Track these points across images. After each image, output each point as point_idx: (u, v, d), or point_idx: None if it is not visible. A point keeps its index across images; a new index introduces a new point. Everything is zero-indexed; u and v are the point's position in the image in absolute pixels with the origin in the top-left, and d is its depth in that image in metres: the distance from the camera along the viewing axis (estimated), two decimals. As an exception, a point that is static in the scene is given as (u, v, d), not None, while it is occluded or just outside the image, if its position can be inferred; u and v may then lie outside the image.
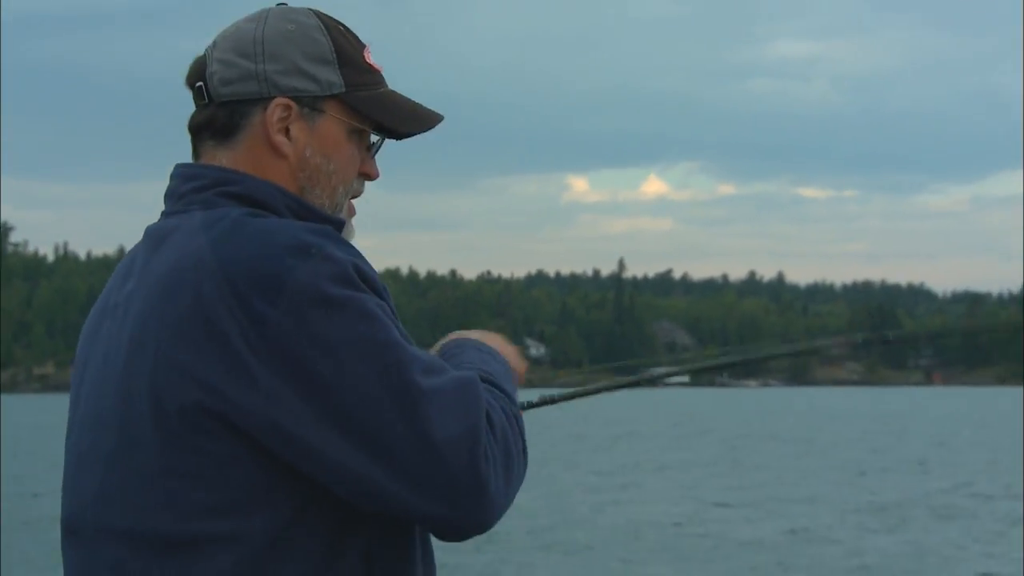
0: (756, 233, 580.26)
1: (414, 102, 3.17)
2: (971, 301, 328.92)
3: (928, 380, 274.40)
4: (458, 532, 2.76)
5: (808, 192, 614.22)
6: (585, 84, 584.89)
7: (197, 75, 2.99)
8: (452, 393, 2.69)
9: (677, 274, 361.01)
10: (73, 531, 2.91)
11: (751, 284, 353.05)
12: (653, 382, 5.80)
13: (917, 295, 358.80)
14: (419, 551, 2.95)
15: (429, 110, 3.18)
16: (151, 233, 2.99)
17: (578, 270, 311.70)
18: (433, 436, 2.61)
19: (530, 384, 3.17)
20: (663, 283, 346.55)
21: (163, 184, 3.12)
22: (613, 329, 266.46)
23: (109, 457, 2.79)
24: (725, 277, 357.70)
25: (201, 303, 2.67)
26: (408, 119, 3.12)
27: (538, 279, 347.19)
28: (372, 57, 3.13)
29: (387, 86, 3.15)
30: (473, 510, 2.69)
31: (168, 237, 2.86)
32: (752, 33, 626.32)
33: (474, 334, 3.35)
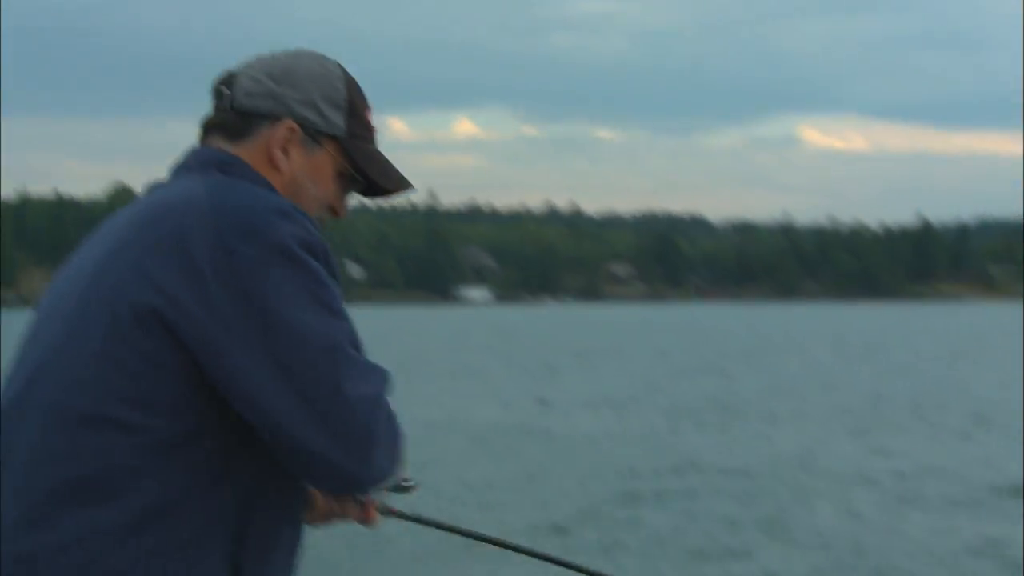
0: (555, 170, 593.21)
1: (394, 166, 3.31)
2: (743, 230, 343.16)
3: (702, 296, 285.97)
4: (339, 479, 2.85)
5: (602, 134, 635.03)
6: (404, 35, 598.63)
7: (224, 82, 3.12)
8: (370, 367, 2.81)
9: (484, 206, 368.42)
10: (6, 407, 2.91)
11: (550, 215, 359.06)
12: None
13: (696, 224, 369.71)
14: (294, 510, 3.02)
15: (404, 177, 3.34)
16: (151, 186, 3.09)
17: (395, 201, 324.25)
18: (346, 390, 2.70)
19: (350, 300, 2.94)
20: (471, 213, 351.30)
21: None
22: (425, 254, 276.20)
23: (55, 342, 2.85)
24: (527, 209, 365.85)
25: (182, 228, 2.74)
26: (388, 178, 3.28)
27: (359, 209, 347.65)
28: (371, 114, 3.30)
29: (377, 145, 3.28)
30: (359, 463, 2.76)
31: (166, 185, 3.02)
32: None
33: None
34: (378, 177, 3.17)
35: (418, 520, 3.77)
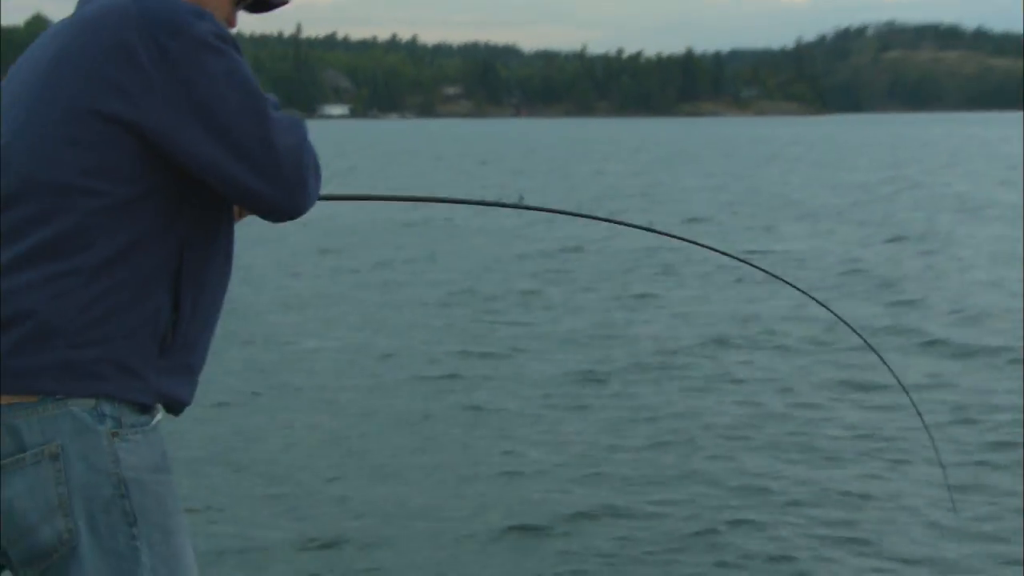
0: (398, 7, 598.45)
1: None
2: (548, 57, 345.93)
3: (517, 114, 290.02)
4: (279, 210, 2.87)
5: None
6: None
7: None
8: (290, 121, 2.83)
9: (341, 36, 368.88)
10: None
11: (394, 44, 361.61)
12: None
13: (511, 53, 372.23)
14: (221, 254, 3.01)
15: None
16: (79, 5, 2.97)
17: (267, 32, 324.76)
18: (275, 141, 2.72)
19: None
20: (330, 42, 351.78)
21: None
22: (292, 75, 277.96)
23: (20, 128, 2.81)
24: (376, 39, 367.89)
25: (121, 34, 2.70)
26: None
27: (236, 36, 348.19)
28: None
29: None
30: (293, 195, 2.80)
31: (88, 3, 2.88)
32: None
33: None
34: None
35: (344, 197, 4.04)
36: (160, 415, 2.80)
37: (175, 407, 2.85)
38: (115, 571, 2.64)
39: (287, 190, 2.73)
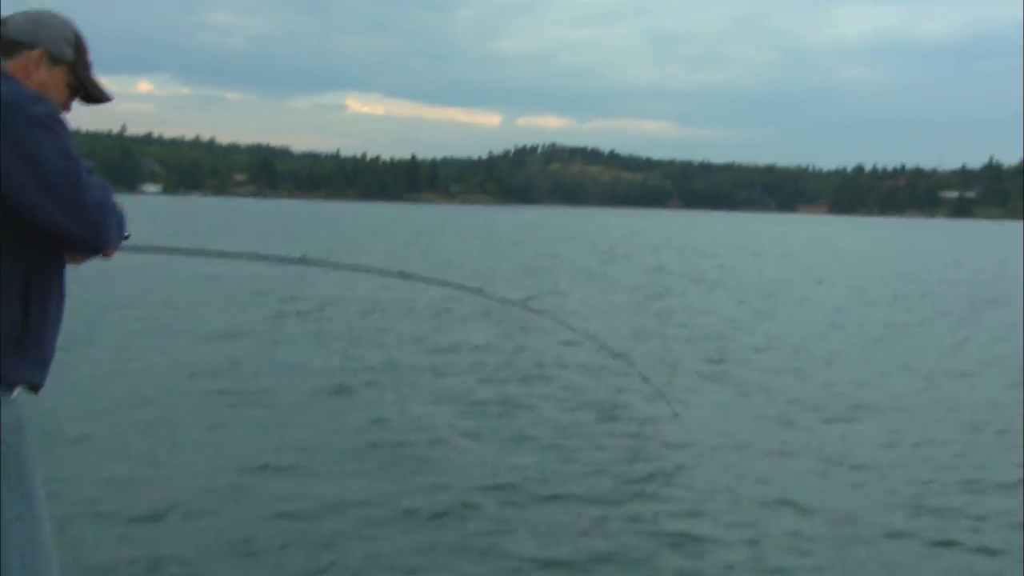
0: (201, 116, 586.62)
1: (102, 86, 3.05)
2: (312, 157, 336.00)
3: (290, 196, 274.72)
4: (87, 247, 2.73)
5: (231, 95, 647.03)
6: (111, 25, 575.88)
7: (5, 25, 2.84)
8: (98, 183, 2.70)
9: (156, 134, 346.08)
10: None
11: (197, 142, 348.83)
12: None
13: (285, 153, 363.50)
14: (57, 279, 2.82)
15: (106, 91, 3.06)
16: None
17: (100, 128, 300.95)
18: (85, 196, 2.60)
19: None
20: (148, 139, 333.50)
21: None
22: (117, 162, 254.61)
23: None
24: (183, 137, 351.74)
25: None
26: (98, 90, 3.01)
27: (73, 135, 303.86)
28: (90, 56, 3.01)
29: (93, 72, 3.02)
30: (97, 234, 2.65)
31: None
32: None
33: None
34: (92, 89, 2.98)
35: (146, 249, 3.64)
36: (17, 392, 2.70)
37: (33, 388, 2.76)
38: None
39: (92, 231, 2.65)
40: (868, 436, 11.10)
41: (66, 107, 2.94)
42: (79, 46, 2.94)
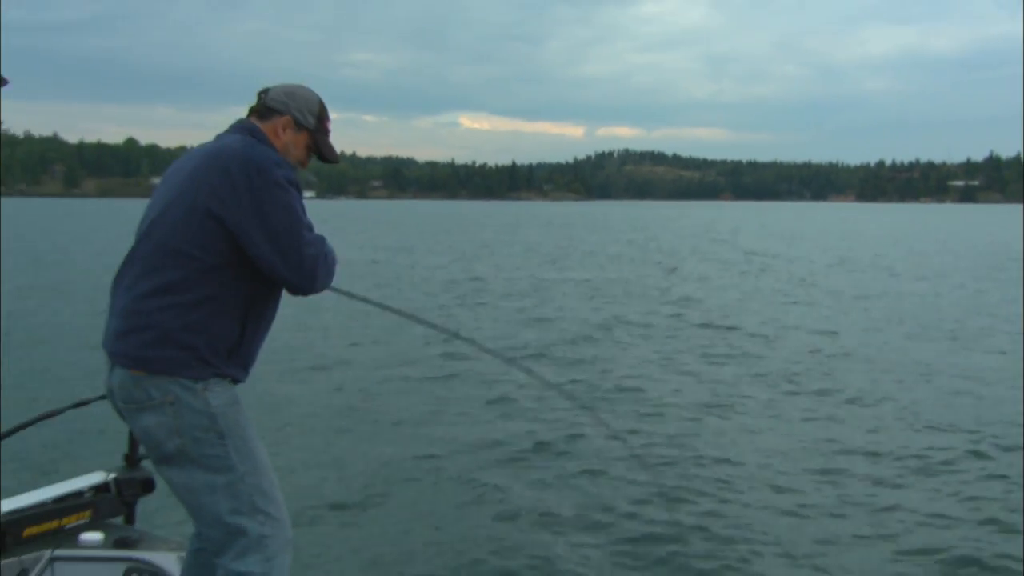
0: (344, 137, 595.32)
1: (334, 149, 2.99)
2: (435, 166, 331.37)
3: (414, 197, 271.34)
4: (297, 289, 2.67)
5: (367, 118, 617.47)
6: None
7: (263, 91, 2.89)
8: (317, 239, 2.65)
9: None
10: (133, 252, 2.69)
11: (343, 156, 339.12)
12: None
13: (411, 162, 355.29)
14: (271, 305, 2.80)
15: (336, 155, 3.01)
16: (206, 143, 2.82)
17: None
18: (302, 250, 2.57)
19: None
20: None
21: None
22: None
23: (162, 212, 2.65)
24: None
25: (228, 165, 2.58)
26: (331, 153, 2.96)
27: None
28: (330, 124, 2.97)
29: (329, 136, 2.97)
30: (305, 282, 2.61)
31: (217, 140, 2.77)
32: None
33: None
34: (324, 151, 2.92)
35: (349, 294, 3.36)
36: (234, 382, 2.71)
37: (236, 382, 2.72)
38: (216, 466, 2.59)
39: (304, 279, 2.63)
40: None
41: (303, 163, 2.92)
42: (321, 116, 2.90)
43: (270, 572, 2.58)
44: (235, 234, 2.55)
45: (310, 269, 2.63)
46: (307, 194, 2.91)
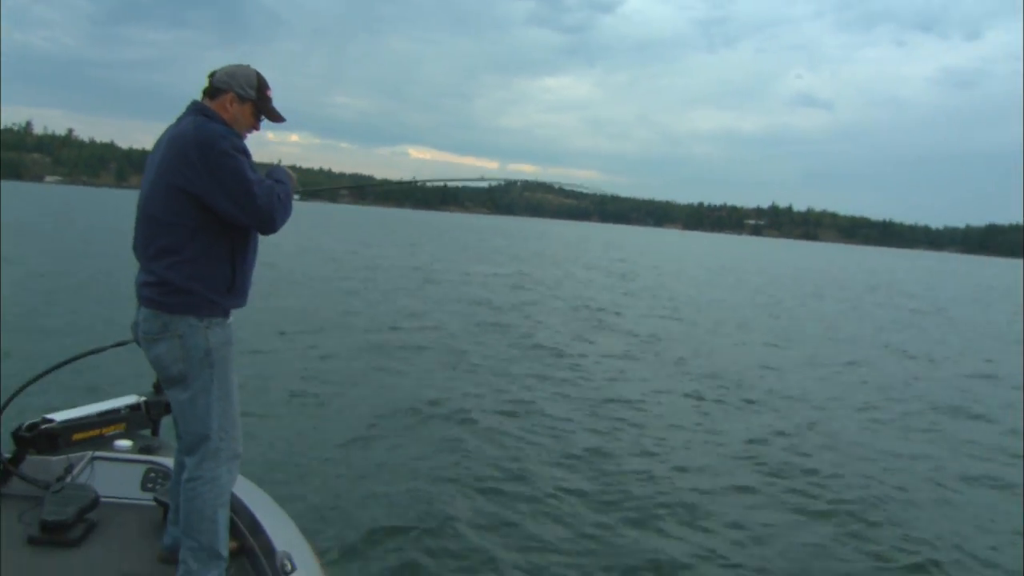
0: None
1: (277, 111, 2.69)
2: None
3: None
4: (261, 229, 2.47)
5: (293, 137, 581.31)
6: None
7: (211, 74, 2.62)
8: (265, 188, 2.40)
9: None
10: (138, 224, 2.51)
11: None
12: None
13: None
14: (252, 246, 2.57)
15: (280, 114, 2.71)
16: (170, 126, 2.54)
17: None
18: (256, 200, 2.38)
19: None
20: None
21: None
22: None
23: (149, 190, 2.46)
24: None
25: (184, 147, 2.39)
26: (275, 115, 2.69)
27: None
28: (271, 92, 2.67)
29: (272, 103, 2.68)
30: (265, 223, 2.41)
31: (176, 124, 2.51)
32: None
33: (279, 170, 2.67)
34: (269, 114, 2.67)
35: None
36: (232, 318, 2.53)
37: (237, 310, 2.56)
38: (201, 389, 2.46)
39: (262, 222, 2.44)
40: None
41: (254, 128, 2.67)
42: (260, 87, 2.64)
43: (218, 477, 2.48)
44: (201, 199, 2.39)
45: (267, 212, 2.42)
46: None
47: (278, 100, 2.70)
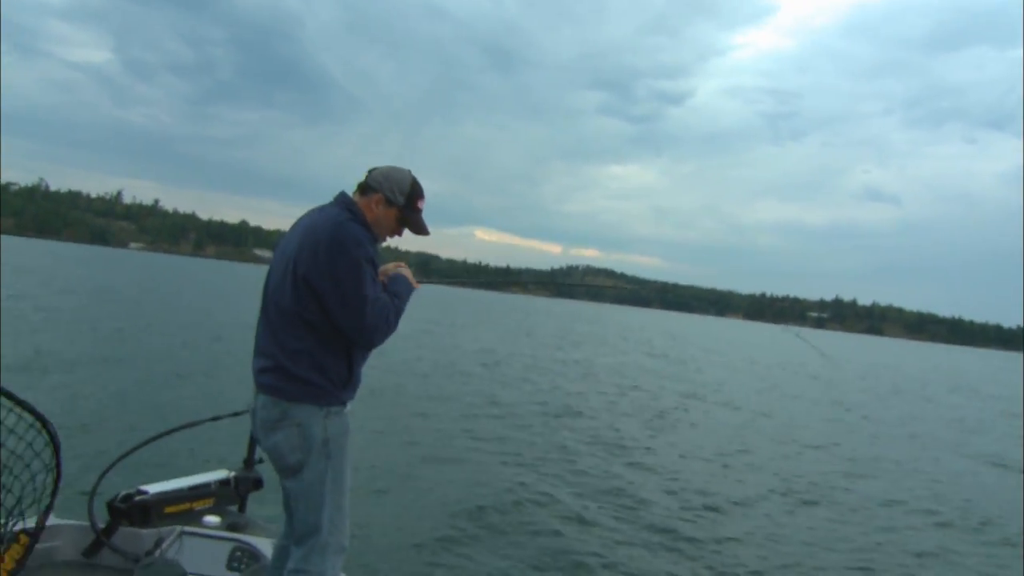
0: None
1: (424, 224, 2.62)
2: (470, 267, 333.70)
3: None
4: (362, 345, 2.43)
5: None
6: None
7: (369, 171, 2.58)
8: (379, 306, 2.37)
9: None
10: (264, 309, 2.50)
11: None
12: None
13: (434, 258, 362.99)
14: (362, 356, 2.51)
15: (426, 228, 2.62)
16: (312, 211, 2.53)
17: None
18: (364, 318, 2.35)
19: None
20: None
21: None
22: None
23: (278, 280, 2.45)
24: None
25: (318, 240, 2.36)
26: (419, 228, 2.61)
27: None
28: (422, 203, 2.59)
29: (421, 214, 2.61)
30: (366, 340, 2.38)
31: (319, 212, 2.48)
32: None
33: (391, 266, 2.68)
34: (412, 226, 2.60)
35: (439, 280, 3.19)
36: (349, 407, 2.51)
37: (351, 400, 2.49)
38: (317, 479, 2.41)
39: (364, 339, 2.40)
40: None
41: (395, 233, 2.60)
42: (411, 195, 2.56)
43: (323, 572, 2.42)
44: (321, 296, 2.36)
45: (370, 332, 2.37)
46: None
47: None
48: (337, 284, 2.33)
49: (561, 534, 5.82)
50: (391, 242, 2.64)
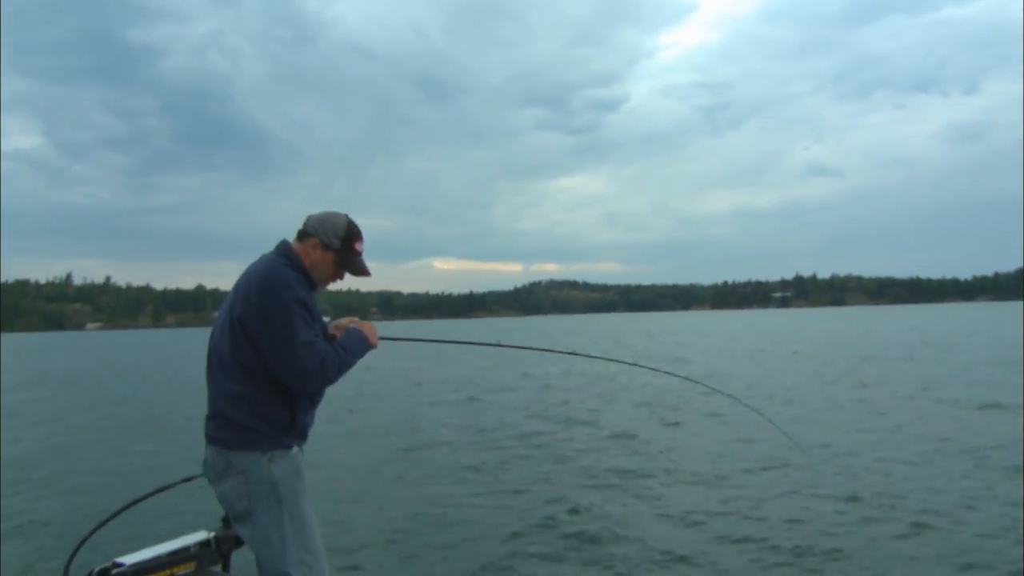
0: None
1: (364, 265, 2.65)
2: (415, 296, 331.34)
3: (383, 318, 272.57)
4: (295, 389, 2.40)
5: None
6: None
7: (307, 220, 2.61)
8: (312, 350, 2.35)
9: None
10: (208, 359, 2.50)
11: (339, 291, 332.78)
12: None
13: (396, 295, 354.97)
14: (308, 400, 2.52)
15: (367, 270, 2.65)
16: (258, 259, 2.52)
17: None
18: (297, 361, 2.33)
19: None
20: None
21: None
22: None
23: (220, 328, 2.48)
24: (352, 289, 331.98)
25: (250, 285, 2.39)
26: (358, 270, 2.64)
27: None
28: (361, 245, 2.63)
29: (360, 256, 2.63)
30: (300, 383, 2.36)
31: (259, 260, 2.49)
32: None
33: (346, 320, 2.71)
34: (351, 268, 2.61)
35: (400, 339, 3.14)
36: (297, 448, 2.50)
37: (301, 446, 2.52)
38: (272, 524, 2.39)
39: (298, 383, 2.38)
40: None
41: (336, 277, 2.64)
42: (347, 238, 2.60)
43: None
44: (253, 339, 2.39)
45: (299, 373, 2.36)
46: (324, 318, 2.63)
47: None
48: (267, 325, 2.35)
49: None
50: (352, 284, 2.70)
